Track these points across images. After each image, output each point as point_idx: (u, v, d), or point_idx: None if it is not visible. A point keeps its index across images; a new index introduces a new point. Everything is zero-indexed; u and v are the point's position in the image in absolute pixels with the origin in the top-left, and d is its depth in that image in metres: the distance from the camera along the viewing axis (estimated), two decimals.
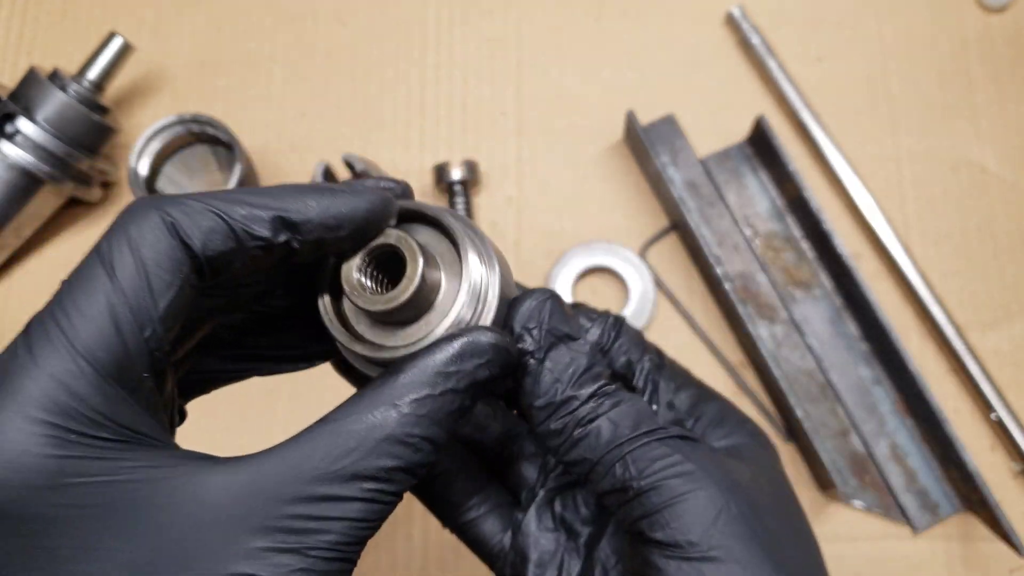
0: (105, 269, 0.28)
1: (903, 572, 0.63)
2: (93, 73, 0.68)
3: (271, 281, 0.36)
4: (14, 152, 0.64)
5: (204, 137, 0.69)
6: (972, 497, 0.61)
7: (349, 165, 0.64)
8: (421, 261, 0.31)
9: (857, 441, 0.65)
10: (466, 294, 0.32)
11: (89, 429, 0.27)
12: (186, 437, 0.33)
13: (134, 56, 0.70)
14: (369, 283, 0.33)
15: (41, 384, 0.27)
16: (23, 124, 0.64)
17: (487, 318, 0.33)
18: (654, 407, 0.40)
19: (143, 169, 0.67)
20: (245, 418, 0.66)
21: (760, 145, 0.70)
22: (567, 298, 0.68)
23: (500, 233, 0.71)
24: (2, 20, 0.76)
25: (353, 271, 0.32)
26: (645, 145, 0.67)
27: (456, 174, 0.69)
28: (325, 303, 0.34)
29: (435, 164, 0.70)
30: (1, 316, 0.69)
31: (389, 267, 0.33)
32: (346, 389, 0.38)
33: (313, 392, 0.67)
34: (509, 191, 0.72)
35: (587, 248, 0.69)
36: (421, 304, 0.33)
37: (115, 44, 0.68)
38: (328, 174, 0.64)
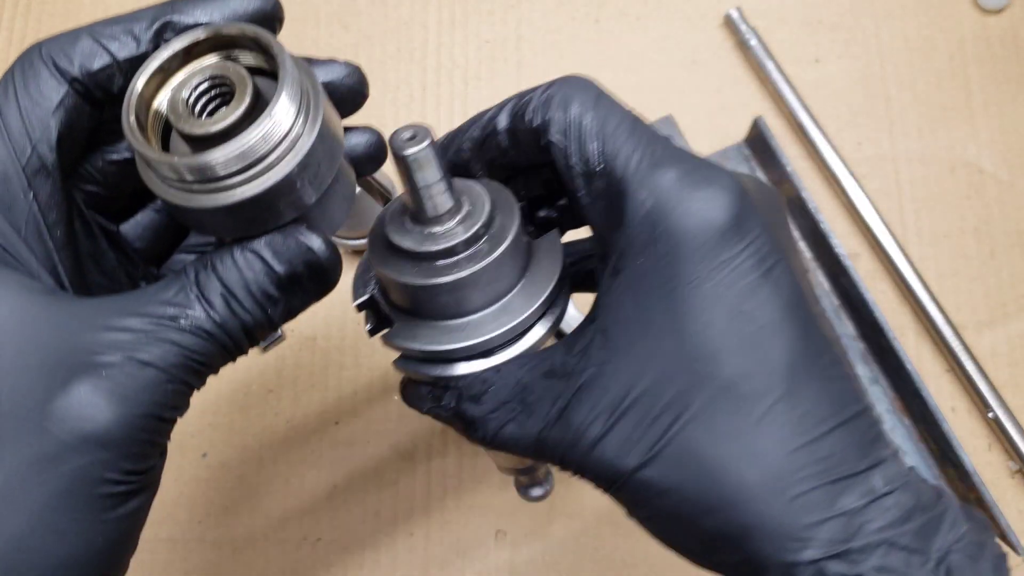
0: None
1: None
2: None
3: None
4: None
5: None
6: (969, 495, 0.61)
7: None
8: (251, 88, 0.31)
9: None
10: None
11: None
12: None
13: None
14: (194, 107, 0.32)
15: None
16: None
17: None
18: None
19: None
20: (247, 417, 0.67)
21: (758, 146, 0.70)
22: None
23: None
24: (5, 21, 0.77)
25: (181, 92, 0.32)
26: None
27: None
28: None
29: None
30: None
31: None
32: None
33: (315, 389, 0.68)
34: None
35: None
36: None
37: None
38: None
